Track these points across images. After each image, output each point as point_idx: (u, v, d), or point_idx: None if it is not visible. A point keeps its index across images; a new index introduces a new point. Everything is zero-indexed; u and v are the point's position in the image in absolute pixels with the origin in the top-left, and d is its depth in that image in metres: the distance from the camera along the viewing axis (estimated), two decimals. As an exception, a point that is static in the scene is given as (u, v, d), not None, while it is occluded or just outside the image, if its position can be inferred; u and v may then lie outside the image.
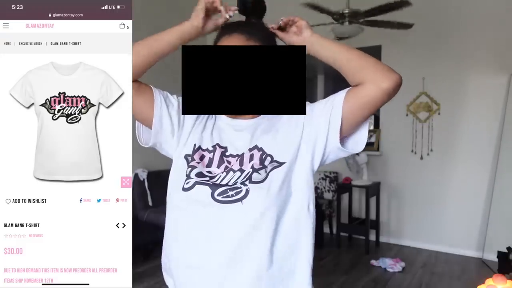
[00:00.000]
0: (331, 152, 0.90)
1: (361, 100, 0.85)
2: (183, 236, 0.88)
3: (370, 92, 0.84)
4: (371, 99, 0.84)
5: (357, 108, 0.86)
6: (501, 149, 3.68)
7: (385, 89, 0.83)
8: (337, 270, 3.52)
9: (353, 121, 0.88)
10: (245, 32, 0.89)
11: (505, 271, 3.05)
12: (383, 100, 0.85)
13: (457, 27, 3.87)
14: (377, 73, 0.84)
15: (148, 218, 3.72)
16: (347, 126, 0.87)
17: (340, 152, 0.90)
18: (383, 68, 0.85)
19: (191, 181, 0.87)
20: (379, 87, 0.83)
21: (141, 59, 0.91)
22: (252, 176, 0.85)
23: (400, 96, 3.72)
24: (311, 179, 0.89)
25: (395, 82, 0.83)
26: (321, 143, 0.88)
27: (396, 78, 0.83)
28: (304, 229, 0.87)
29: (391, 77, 0.83)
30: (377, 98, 0.84)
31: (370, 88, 0.84)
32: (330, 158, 0.91)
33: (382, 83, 0.83)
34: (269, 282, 0.83)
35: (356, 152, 0.93)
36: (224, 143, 0.92)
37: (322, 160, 0.90)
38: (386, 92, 0.83)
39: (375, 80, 0.83)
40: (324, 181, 4.52)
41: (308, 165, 0.88)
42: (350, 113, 0.86)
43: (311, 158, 0.88)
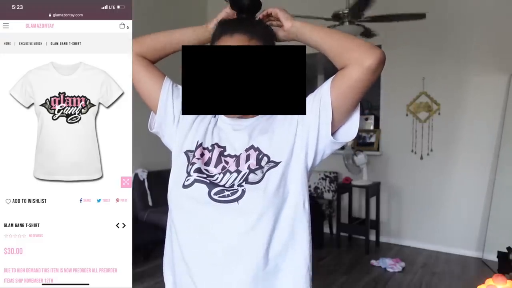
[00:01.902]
0: (326, 147, 0.89)
1: (348, 83, 0.84)
2: (182, 233, 0.88)
3: (354, 72, 0.83)
4: (357, 80, 0.83)
5: (345, 92, 0.84)
6: (501, 149, 3.68)
7: (368, 67, 0.81)
8: (337, 270, 3.51)
9: (343, 108, 0.86)
10: (247, 32, 0.88)
11: (505, 271, 3.05)
12: (368, 79, 0.83)
13: (457, 27, 3.87)
14: (359, 52, 0.82)
15: (148, 218, 3.72)
16: (338, 115, 0.86)
17: (334, 145, 0.89)
18: (365, 46, 0.83)
19: (191, 178, 0.87)
20: (362, 65, 0.81)
21: (154, 43, 0.98)
22: (249, 177, 0.85)
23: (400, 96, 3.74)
24: (305, 177, 0.88)
25: (378, 58, 0.81)
26: (313, 140, 0.87)
27: (378, 54, 0.82)
28: (300, 227, 0.87)
29: (373, 54, 0.81)
30: (363, 78, 0.82)
31: (353, 68, 0.83)
32: (326, 153, 0.90)
33: (365, 61, 0.81)
34: (265, 281, 0.84)
35: (348, 141, 0.91)
36: (223, 143, 0.92)
37: (316, 157, 0.89)
38: (370, 70, 0.82)
39: (358, 59, 0.82)
40: (324, 181, 4.52)
41: (302, 163, 0.87)
42: (340, 99, 0.85)
43: (305, 156, 0.88)
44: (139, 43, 0.97)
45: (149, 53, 0.98)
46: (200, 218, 0.86)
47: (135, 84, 0.98)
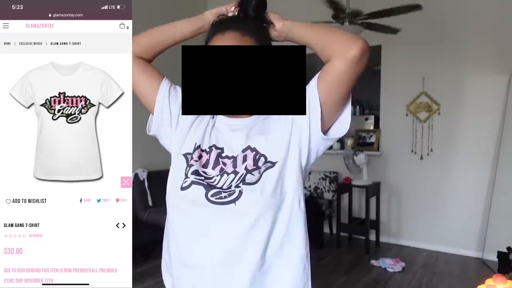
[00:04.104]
0: (318, 145, 0.89)
1: (333, 76, 0.83)
2: (181, 235, 0.88)
3: (338, 64, 0.82)
4: (342, 72, 0.82)
5: (331, 86, 0.84)
6: (501, 149, 3.68)
7: (351, 58, 0.80)
8: (337, 270, 3.51)
9: (332, 102, 0.85)
10: (239, 28, 0.88)
11: (505, 271, 3.05)
12: (353, 70, 0.82)
13: (457, 27, 3.87)
14: (341, 44, 0.82)
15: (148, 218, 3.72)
16: (327, 110, 0.86)
17: (326, 142, 0.89)
18: (347, 38, 0.83)
19: (188, 180, 0.87)
20: (345, 57, 0.81)
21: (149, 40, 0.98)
22: (246, 178, 0.85)
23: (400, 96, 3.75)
24: (301, 176, 0.88)
25: (360, 48, 0.81)
26: (305, 138, 0.87)
27: (360, 44, 0.81)
28: (296, 226, 0.86)
29: (355, 45, 0.81)
30: (347, 69, 0.82)
31: (337, 60, 0.82)
32: (320, 150, 0.90)
33: (348, 52, 0.81)
34: (262, 281, 0.84)
35: (339, 136, 0.91)
36: (220, 144, 0.92)
37: (310, 156, 0.89)
38: (354, 61, 0.81)
39: (340, 51, 0.81)
40: (324, 181, 4.52)
41: (297, 162, 0.87)
42: (327, 94, 0.84)
43: (299, 155, 0.87)
44: (136, 43, 0.97)
45: (147, 51, 0.98)
46: (198, 220, 0.85)
47: (133, 86, 0.98)
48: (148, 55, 0.99)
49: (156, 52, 1.00)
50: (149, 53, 0.98)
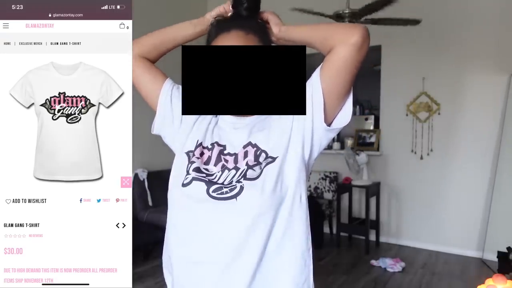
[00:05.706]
0: (321, 138, 0.89)
1: (336, 65, 0.85)
2: (182, 232, 0.89)
3: (340, 51, 0.83)
4: (344, 58, 0.84)
5: (336, 74, 0.85)
6: (501, 149, 3.68)
7: (353, 43, 0.82)
8: (337, 270, 3.51)
9: (335, 92, 0.86)
10: (243, 27, 0.89)
11: (505, 271, 3.05)
12: (355, 57, 0.84)
13: (457, 27, 3.87)
14: (342, 33, 0.84)
15: (148, 218, 3.72)
16: (330, 100, 0.86)
17: (329, 133, 0.90)
18: (347, 26, 0.86)
19: (189, 177, 0.87)
20: (347, 44, 0.83)
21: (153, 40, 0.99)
22: (247, 173, 0.85)
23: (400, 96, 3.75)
24: (303, 170, 0.88)
25: (361, 34, 0.83)
26: (309, 131, 0.88)
27: (361, 31, 0.83)
28: (297, 221, 0.87)
29: (356, 31, 0.83)
30: (350, 56, 0.83)
31: (340, 47, 0.84)
32: (323, 144, 0.91)
33: (350, 39, 0.82)
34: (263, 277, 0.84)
35: (342, 126, 0.91)
36: (223, 142, 0.92)
37: (313, 149, 0.89)
38: (356, 47, 0.83)
39: (342, 39, 0.83)
40: (324, 181, 4.52)
41: (299, 157, 0.88)
42: (330, 83, 0.85)
43: (302, 149, 0.88)
44: (140, 43, 0.98)
45: (150, 52, 0.99)
46: (199, 215, 0.86)
47: (136, 86, 0.99)
48: (152, 56, 1.00)
49: (159, 53, 1.01)
50: (152, 54, 0.99)
